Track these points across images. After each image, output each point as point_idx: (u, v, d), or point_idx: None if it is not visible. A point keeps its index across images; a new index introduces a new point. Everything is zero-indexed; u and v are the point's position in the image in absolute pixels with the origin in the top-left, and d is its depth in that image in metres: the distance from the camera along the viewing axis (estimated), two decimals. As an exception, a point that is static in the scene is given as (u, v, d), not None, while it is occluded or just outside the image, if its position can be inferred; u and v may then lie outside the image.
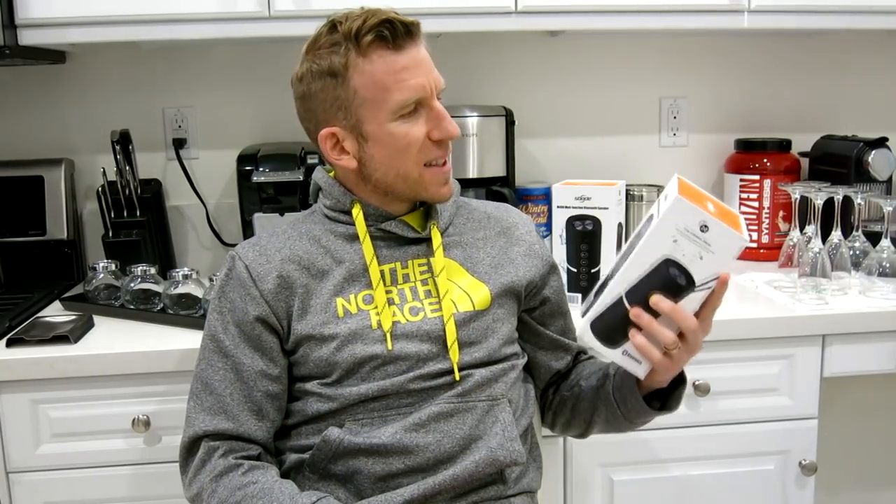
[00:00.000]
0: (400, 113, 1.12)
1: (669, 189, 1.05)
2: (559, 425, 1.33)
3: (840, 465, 2.11)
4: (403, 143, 1.13)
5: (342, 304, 1.16)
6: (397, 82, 1.10)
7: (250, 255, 1.19)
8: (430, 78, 1.13)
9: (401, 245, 1.21)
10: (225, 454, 1.13)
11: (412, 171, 1.15)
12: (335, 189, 1.21)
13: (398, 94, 1.11)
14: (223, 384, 1.16)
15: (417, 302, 1.17)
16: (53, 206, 1.86)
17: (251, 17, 1.63)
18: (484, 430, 1.15)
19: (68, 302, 1.69)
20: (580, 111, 2.07)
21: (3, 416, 1.42)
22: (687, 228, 0.99)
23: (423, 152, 1.14)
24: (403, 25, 1.10)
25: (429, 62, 1.14)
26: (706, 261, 1.00)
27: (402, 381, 1.14)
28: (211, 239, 2.00)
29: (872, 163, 1.87)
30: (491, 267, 1.23)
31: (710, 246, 1.00)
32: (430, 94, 1.13)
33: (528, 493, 1.22)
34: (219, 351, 1.17)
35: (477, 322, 1.18)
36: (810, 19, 1.76)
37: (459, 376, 1.15)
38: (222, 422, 1.15)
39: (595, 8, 1.70)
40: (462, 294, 1.19)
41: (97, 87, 1.94)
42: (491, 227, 1.27)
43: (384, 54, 1.10)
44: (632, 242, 1.05)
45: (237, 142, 1.92)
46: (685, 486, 1.58)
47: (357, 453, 1.12)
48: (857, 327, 1.56)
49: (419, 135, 1.13)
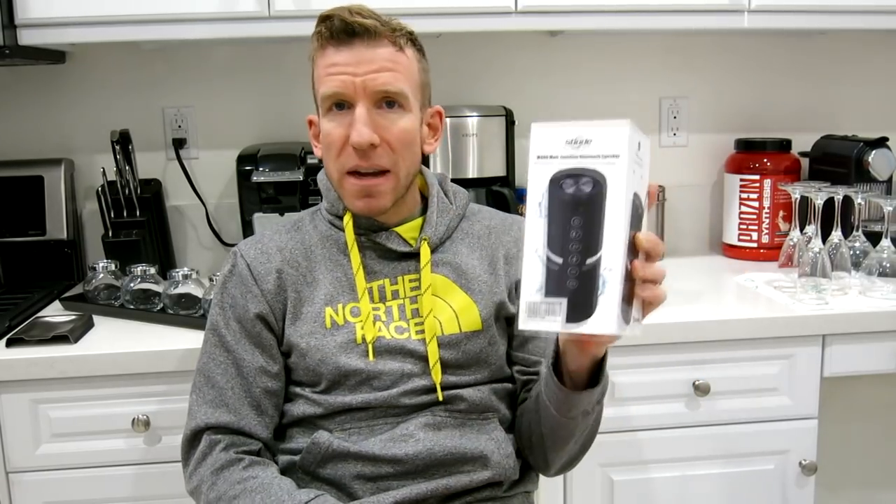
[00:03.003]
0: (324, 107, 1.13)
1: (566, 134, 0.89)
2: (524, 449, 1.22)
3: (840, 465, 2.11)
4: (327, 142, 1.14)
5: (330, 315, 1.16)
6: (325, 76, 1.12)
7: (252, 254, 1.20)
8: (360, 78, 1.10)
9: (392, 259, 1.19)
10: (226, 448, 1.13)
11: (334, 174, 1.16)
12: (331, 193, 1.21)
13: (321, 88, 1.13)
14: (224, 378, 1.16)
15: (403, 321, 1.16)
16: (53, 206, 1.86)
17: (251, 17, 1.63)
18: (478, 447, 1.14)
19: (68, 302, 1.69)
20: (580, 111, 2.07)
21: (3, 416, 1.42)
22: (635, 152, 0.89)
23: (343, 157, 1.13)
24: (342, 23, 1.10)
25: (373, 63, 1.10)
26: (643, 178, 0.92)
27: (387, 396, 1.13)
28: (211, 239, 2.00)
29: (872, 163, 1.87)
30: (486, 286, 1.20)
31: (643, 161, 0.91)
32: (354, 94, 1.10)
33: (524, 493, 1.22)
34: (220, 345, 1.18)
35: (468, 345, 1.16)
36: (810, 19, 1.76)
37: (444, 396, 1.14)
38: (224, 415, 1.15)
39: (595, 8, 1.70)
40: (451, 315, 1.17)
41: (97, 87, 1.94)
42: (490, 243, 1.24)
43: (328, 49, 1.12)
44: (573, 208, 0.89)
45: (237, 142, 1.92)
46: (685, 486, 1.58)
47: (346, 457, 1.12)
48: (857, 327, 1.55)
49: (339, 136, 1.13)
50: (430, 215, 1.21)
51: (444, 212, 1.23)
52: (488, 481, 1.15)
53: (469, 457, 1.13)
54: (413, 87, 1.14)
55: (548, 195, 0.90)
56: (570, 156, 0.89)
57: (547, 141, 0.90)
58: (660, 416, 1.55)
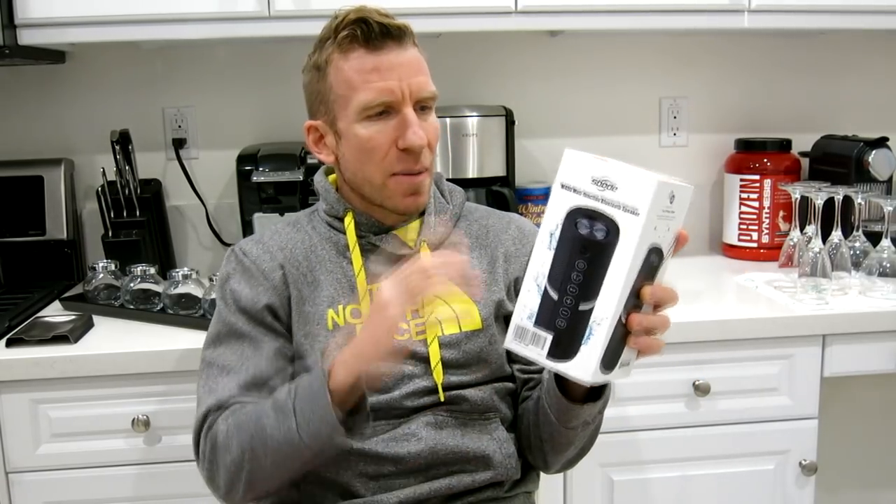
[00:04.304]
0: (365, 114, 1.11)
1: (595, 172, 0.88)
2: (524, 449, 1.21)
3: (840, 465, 2.11)
4: (368, 147, 1.12)
5: (332, 317, 1.15)
6: (365, 82, 1.10)
7: (255, 251, 1.19)
8: (405, 83, 1.10)
9: (392, 261, 1.18)
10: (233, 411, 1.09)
11: (376, 177, 1.14)
12: (330, 195, 1.21)
13: (363, 95, 1.10)
14: (240, 360, 1.12)
15: (403, 322, 1.15)
16: (53, 206, 1.86)
17: (251, 17, 1.63)
18: (480, 447, 1.14)
19: (68, 302, 1.69)
20: (580, 111, 2.07)
21: (3, 416, 1.42)
22: (663, 208, 0.86)
23: (389, 160, 1.12)
24: (380, 26, 1.09)
25: (411, 67, 1.11)
26: (671, 229, 0.90)
27: (388, 398, 1.13)
28: (211, 239, 2.00)
29: (872, 163, 1.87)
30: (485, 285, 1.20)
31: (674, 213, 0.89)
32: (401, 99, 1.10)
33: (525, 493, 1.22)
34: (232, 333, 1.15)
35: (468, 344, 1.16)
36: (810, 19, 1.76)
37: (445, 396, 1.14)
38: (232, 389, 1.10)
39: (595, 8, 1.70)
40: (451, 315, 1.16)
41: (97, 87, 1.94)
42: (489, 242, 1.24)
43: (359, 53, 1.10)
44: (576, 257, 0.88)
45: (237, 142, 1.92)
46: (685, 486, 1.58)
47: (349, 455, 1.12)
48: (857, 327, 1.55)
49: (384, 141, 1.11)
50: (429, 217, 1.21)
51: (442, 212, 1.23)
52: (490, 481, 1.15)
53: (471, 456, 1.13)
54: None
55: (561, 228, 0.90)
56: (593, 195, 0.88)
57: (575, 171, 0.89)
58: (660, 416, 1.55)
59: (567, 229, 0.89)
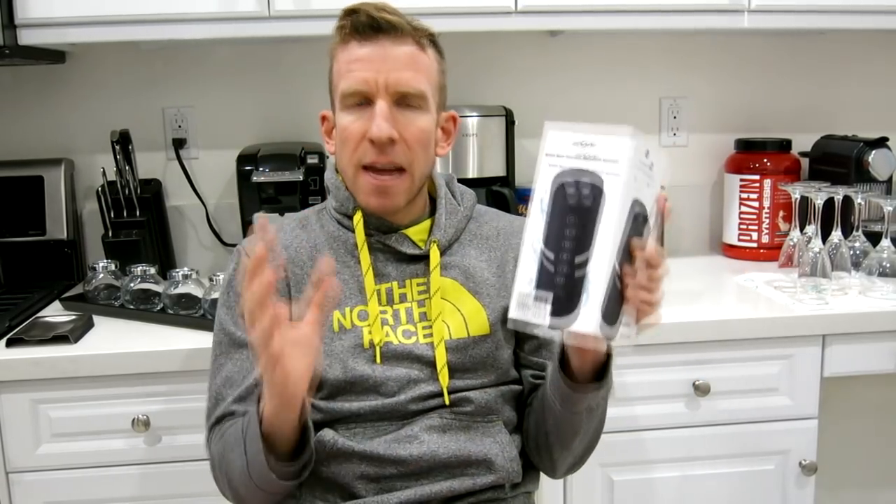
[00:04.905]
0: (345, 103, 1.12)
1: (574, 136, 0.93)
2: (531, 451, 1.22)
3: (840, 465, 2.11)
4: (344, 136, 1.13)
5: (338, 319, 1.15)
6: (347, 72, 1.11)
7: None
8: (383, 75, 1.10)
9: (401, 261, 1.18)
10: (221, 433, 1.12)
11: (348, 168, 1.15)
12: (340, 192, 1.20)
13: (343, 83, 1.12)
14: (241, 373, 1.14)
15: (411, 325, 1.15)
16: (53, 206, 1.86)
17: (251, 17, 1.63)
18: (483, 450, 1.14)
19: (68, 302, 1.69)
20: (580, 111, 2.07)
21: (3, 416, 1.42)
22: (640, 160, 0.91)
23: (360, 151, 1.12)
24: (369, 18, 1.10)
25: (397, 61, 1.11)
26: (650, 186, 0.94)
27: (394, 402, 1.13)
28: (211, 239, 2.00)
29: (872, 163, 1.87)
30: (494, 289, 1.19)
31: (652, 171, 0.93)
32: (376, 90, 1.10)
33: (526, 494, 1.22)
34: (233, 344, 1.16)
35: (475, 349, 1.16)
36: (810, 19, 1.76)
37: (451, 400, 1.14)
38: (232, 408, 1.13)
39: (595, 8, 1.70)
40: (459, 319, 1.16)
41: (97, 87, 1.94)
42: (499, 245, 1.24)
43: (352, 44, 1.12)
44: (566, 204, 0.93)
45: (237, 142, 1.92)
46: (685, 486, 1.58)
47: (350, 456, 1.11)
48: (857, 327, 1.56)
49: (356, 130, 1.12)
50: (439, 217, 1.20)
51: (452, 213, 1.22)
52: (492, 484, 1.14)
53: (473, 460, 1.13)
54: (432, 88, 1.15)
55: (551, 193, 0.94)
56: (575, 156, 0.93)
57: (557, 141, 0.94)
58: (660, 416, 1.55)
59: (557, 193, 0.94)
